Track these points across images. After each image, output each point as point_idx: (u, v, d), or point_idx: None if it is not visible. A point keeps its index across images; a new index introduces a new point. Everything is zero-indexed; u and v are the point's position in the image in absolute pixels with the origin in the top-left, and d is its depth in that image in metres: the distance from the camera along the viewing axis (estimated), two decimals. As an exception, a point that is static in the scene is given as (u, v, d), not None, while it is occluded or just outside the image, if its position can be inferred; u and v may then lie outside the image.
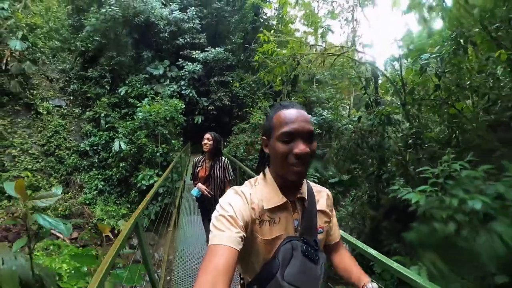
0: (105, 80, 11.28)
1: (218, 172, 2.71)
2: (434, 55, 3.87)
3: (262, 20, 16.01)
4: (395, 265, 1.29)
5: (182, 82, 12.81)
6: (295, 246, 0.75)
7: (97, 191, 9.27)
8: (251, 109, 12.23)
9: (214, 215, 0.73)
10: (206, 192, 2.67)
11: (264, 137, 0.82)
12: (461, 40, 3.53)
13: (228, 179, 2.73)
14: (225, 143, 10.58)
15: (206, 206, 2.79)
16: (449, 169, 2.66)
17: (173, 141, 9.30)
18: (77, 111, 10.81)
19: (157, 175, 8.30)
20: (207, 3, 16.22)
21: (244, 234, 0.69)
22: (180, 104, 10.16)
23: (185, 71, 13.01)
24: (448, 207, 2.23)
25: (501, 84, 3.74)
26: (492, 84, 3.74)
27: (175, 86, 12.56)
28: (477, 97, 4.01)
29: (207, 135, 2.77)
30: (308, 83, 17.50)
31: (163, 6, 14.01)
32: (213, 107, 13.16)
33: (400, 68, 4.81)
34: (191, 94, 12.62)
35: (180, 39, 13.75)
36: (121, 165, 9.19)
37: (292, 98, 13.59)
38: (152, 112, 9.26)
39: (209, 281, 0.58)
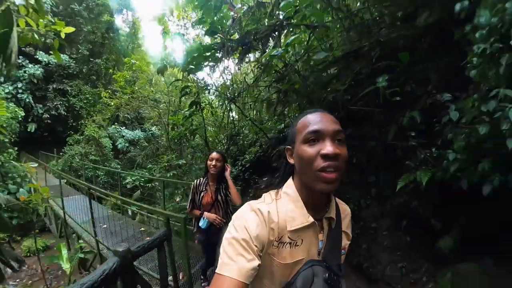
0: None
1: (223, 195, 2.59)
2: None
3: (115, 39, 20.34)
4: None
5: (20, 84, 14.28)
6: (317, 272, 0.74)
7: None
8: (86, 121, 16.03)
9: (225, 236, 0.73)
10: (219, 221, 2.49)
11: (288, 147, 0.83)
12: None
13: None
14: (60, 153, 14.15)
15: (214, 239, 2.40)
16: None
17: (9, 150, 11.72)
18: None
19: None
20: (67, 1, 17.46)
21: (259, 262, 0.69)
22: (20, 112, 12.56)
23: (25, 72, 14.44)
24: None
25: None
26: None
27: (10, 88, 13.89)
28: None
29: (215, 155, 2.56)
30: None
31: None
32: (48, 116, 15.56)
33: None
34: (27, 99, 14.50)
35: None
36: None
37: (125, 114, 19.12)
38: (-13, 118, 11.99)
39: None
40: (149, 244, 2.04)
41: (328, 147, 0.70)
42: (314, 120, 0.76)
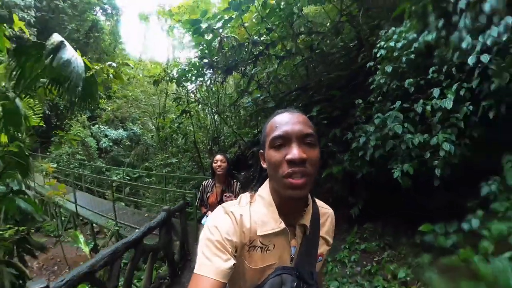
0: None
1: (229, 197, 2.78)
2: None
3: (98, 38, 20.92)
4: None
5: (2, 83, 15.63)
6: (285, 280, 0.74)
7: None
8: (71, 121, 17.03)
9: (201, 237, 0.74)
10: None
11: (261, 151, 0.83)
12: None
13: None
14: (47, 153, 15.00)
15: None
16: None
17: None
18: None
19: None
20: (50, -6, 16.83)
21: (235, 262, 0.71)
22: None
23: (7, 69, 15.71)
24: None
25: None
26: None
27: (-10, 86, 15.07)
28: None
29: (219, 157, 2.83)
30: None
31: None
32: (31, 115, 16.70)
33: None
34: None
35: (9, 30, 15.97)
36: None
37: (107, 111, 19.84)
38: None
39: None
40: (177, 207, 3.71)
41: (293, 152, 0.68)
42: (281, 122, 0.74)
